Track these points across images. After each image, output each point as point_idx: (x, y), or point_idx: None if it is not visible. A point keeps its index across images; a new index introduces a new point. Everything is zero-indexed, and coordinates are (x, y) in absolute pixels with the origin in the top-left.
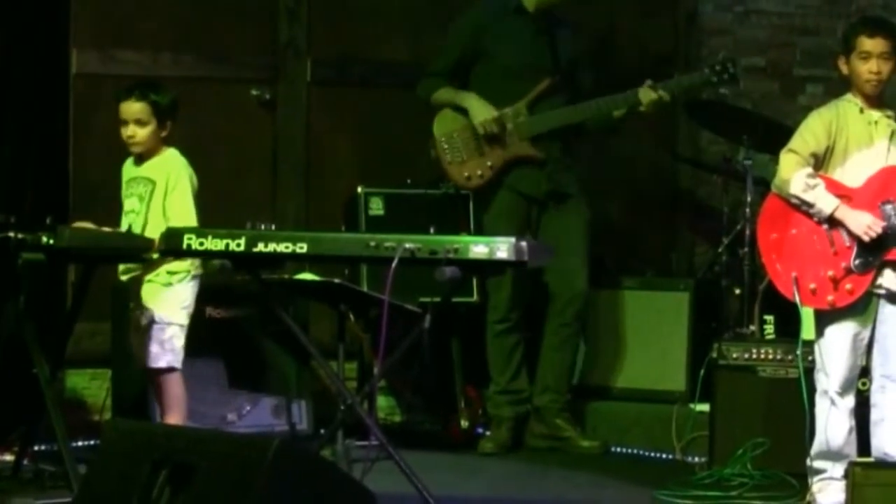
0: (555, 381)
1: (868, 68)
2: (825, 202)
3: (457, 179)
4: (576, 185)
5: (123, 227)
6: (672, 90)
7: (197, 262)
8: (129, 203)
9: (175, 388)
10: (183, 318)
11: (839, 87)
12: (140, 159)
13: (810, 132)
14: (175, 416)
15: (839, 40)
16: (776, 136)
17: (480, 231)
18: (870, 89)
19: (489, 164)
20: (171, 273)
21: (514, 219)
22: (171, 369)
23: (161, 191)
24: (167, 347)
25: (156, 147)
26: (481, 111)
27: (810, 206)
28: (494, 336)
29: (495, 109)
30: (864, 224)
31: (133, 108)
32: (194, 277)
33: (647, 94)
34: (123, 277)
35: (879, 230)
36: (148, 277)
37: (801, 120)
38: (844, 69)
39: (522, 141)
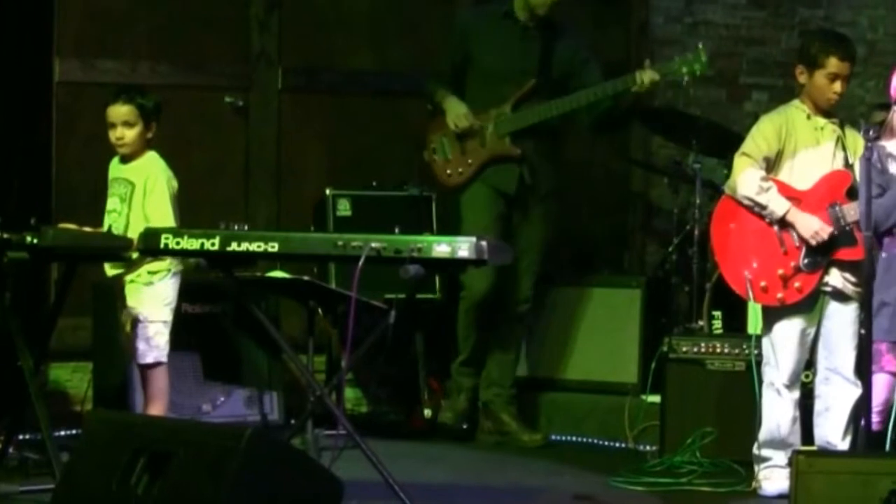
0: (499, 376)
1: (834, 88)
2: (777, 205)
3: (440, 177)
4: (549, 186)
5: (105, 226)
6: (663, 71)
7: (176, 260)
8: (111, 202)
9: (160, 381)
10: (166, 315)
11: (783, 94)
12: (124, 160)
13: (762, 136)
14: (158, 407)
15: (794, 51)
16: (724, 141)
17: (457, 225)
18: (829, 105)
19: (469, 161)
20: (151, 272)
21: (487, 212)
22: (157, 363)
23: (140, 192)
24: (153, 344)
25: (140, 149)
26: (454, 110)
27: (763, 207)
28: (465, 310)
29: (468, 109)
30: (813, 229)
31: (121, 110)
32: (174, 275)
33: (645, 74)
34: (110, 274)
35: (826, 236)
36: (130, 278)
37: (747, 125)
38: (802, 78)
39: (501, 139)
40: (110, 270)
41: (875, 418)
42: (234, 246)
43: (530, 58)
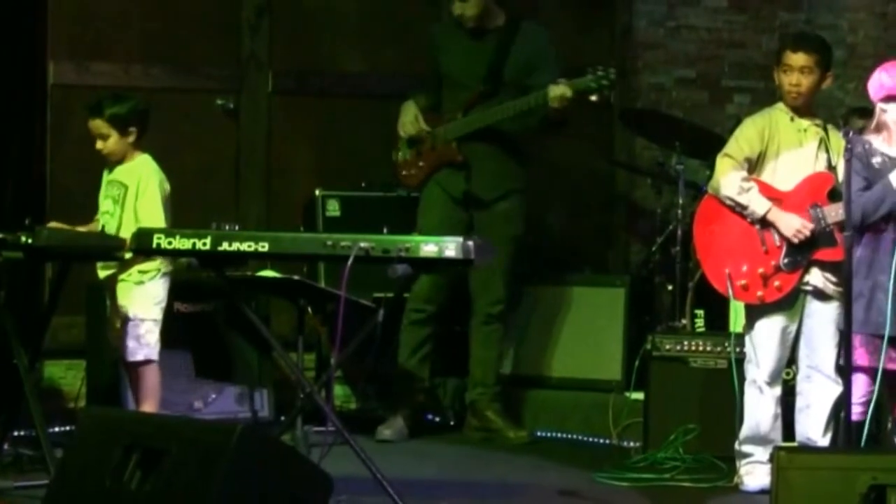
0: (482, 376)
1: (789, 80)
2: (758, 204)
3: (400, 177)
4: (505, 187)
5: (99, 228)
6: (577, 86)
7: (167, 260)
8: (105, 205)
9: (151, 379)
10: (156, 314)
11: (765, 96)
12: (115, 164)
13: (745, 138)
14: (149, 405)
15: (775, 54)
16: (706, 143)
17: (417, 226)
18: (790, 100)
19: (420, 164)
20: (142, 272)
21: (437, 214)
22: (148, 361)
23: (132, 194)
24: (143, 342)
25: (127, 153)
26: (402, 116)
27: (744, 207)
28: (409, 322)
29: (419, 114)
30: (794, 227)
31: (93, 125)
32: (165, 275)
33: (554, 90)
34: (101, 275)
35: (808, 233)
36: (121, 277)
37: (729, 127)
38: (776, 80)
39: (447, 144)
40: (102, 272)
41: (857, 409)
42: (225, 246)
43: (482, 63)
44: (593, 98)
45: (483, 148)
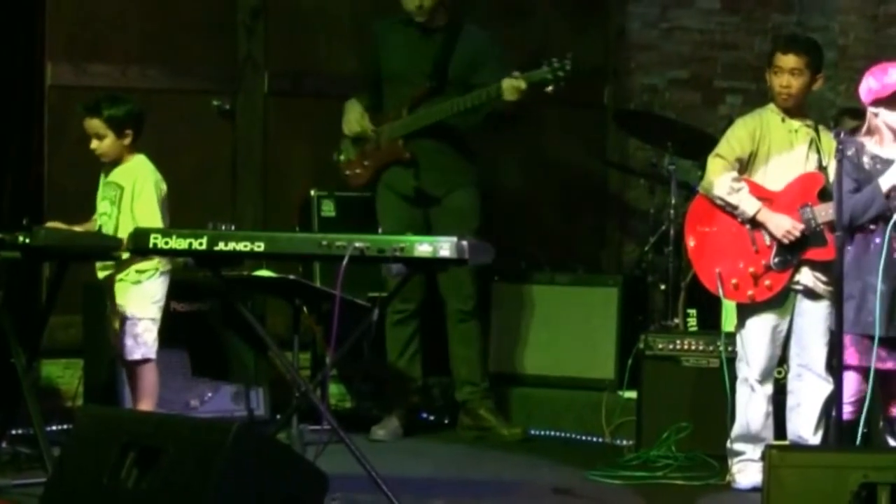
0: (469, 374)
1: (779, 82)
2: (748, 205)
3: (345, 177)
4: (463, 186)
5: (96, 227)
6: (531, 79)
7: (165, 259)
8: (102, 206)
9: (148, 378)
10: (154, 313)
11: (757, 97)
12: (111, 166)
13: (736, 138)
14: (147, 403)
15: (767, 55)
16: (698, 143)
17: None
18: (781, 102)
19: (366, 163)
20: (139, 272)
21: (394, 216)
22: (145, 360)
23: (129, 195)
24: (140, 341)
25: (123, 154)
26: (347, 115)
27: (734, 207)
28: (392, 325)
29: (363, 113)
30: (784, 228)
31: (90, 124)
32: (163, 274)
33: (508, 83)
34: (101, 275)
35: (797, 234)
36: (119, 277)
37: (721, 128)
38: (768, 81)
39: (393, 142)
40: (101, 272)
41: (849, 408)
42: (221, 245)
43: (428, 60)
44: (549, 89)
45: (430, 144)
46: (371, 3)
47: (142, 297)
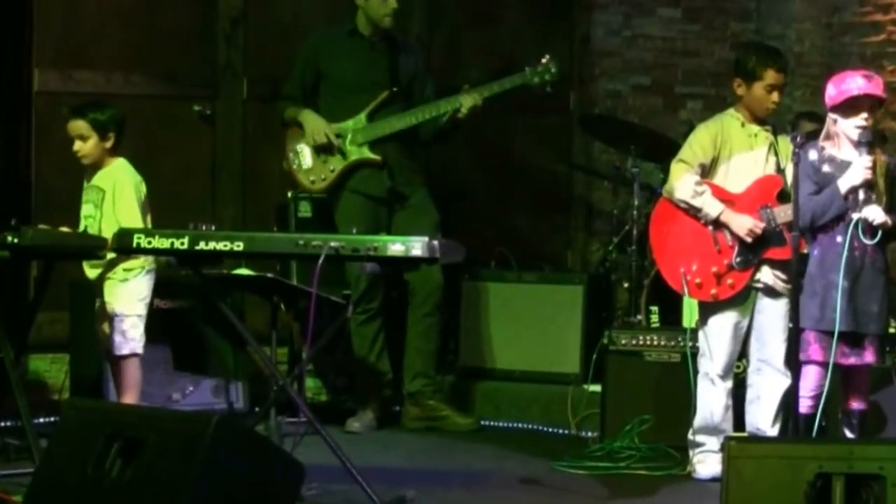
0: (424, 367)
1: (772, 98)
2: (711, 207)
3: (304, 184)
4: (420, 185)
5: (81, 229)
6: (484, 93)
7: (150, 258)
8: (86, 209)
9: (133, 372)
10: (140, 309)
11: (716, 102)
12: (93, 169)
13: (698, 143)
14: (131, 397)
15: (726, 62)
16: (660, 147)
17: (335, 230)
18: (767, 114)
19: (331, 168)
20: (126, 270)
21: (362, 219)
22: (133, 355)
23: (110, 197)
24: (128, 337)
25: (104, 158)
26: (312, 124)
27: (698, 210)
28: (357, 325)
29: (327, 122)
30: (747, 227)
31: (74, 125)
32: (148, 272)
33: (467, 99)
34: (91, 275)
35: (759, 232)
36: (107, 275)
37: (682, 132)
38: (740, 91)
39: (361, 147)
40: (91, 271)
41: (808, 402)
42: (202, 245)
43: (380, 69)
44: (548, 89)
45: (396, 147)
46: (346, 14)
47: (129, 295)
